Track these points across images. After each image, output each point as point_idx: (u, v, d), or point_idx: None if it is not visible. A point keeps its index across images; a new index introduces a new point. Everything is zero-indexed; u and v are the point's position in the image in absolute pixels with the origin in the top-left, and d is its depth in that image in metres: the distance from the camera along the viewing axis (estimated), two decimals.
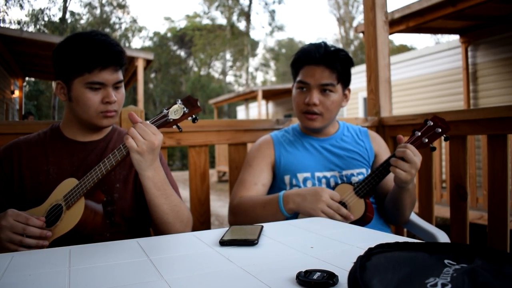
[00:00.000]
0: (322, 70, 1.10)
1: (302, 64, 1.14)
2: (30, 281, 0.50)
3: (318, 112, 1.12)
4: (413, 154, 0.95)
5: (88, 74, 0.86)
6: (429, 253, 0.41)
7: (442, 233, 1.15)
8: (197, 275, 0.50)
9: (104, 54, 0.87)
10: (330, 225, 0.80)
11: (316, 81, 1.10)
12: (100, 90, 0.88)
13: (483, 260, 0.38)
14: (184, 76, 23.42)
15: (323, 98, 1.11)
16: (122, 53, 0.90)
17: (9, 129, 1.12)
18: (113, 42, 0.90)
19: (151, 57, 6.29)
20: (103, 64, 0.86)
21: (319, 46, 1.13)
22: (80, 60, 0.86)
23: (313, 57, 1.11)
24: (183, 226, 0.90)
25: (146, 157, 0.78)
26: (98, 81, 0.87)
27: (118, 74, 0.90)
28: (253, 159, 1.18)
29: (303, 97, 1.13)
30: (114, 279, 0.50)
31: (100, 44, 0.87)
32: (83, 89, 0.88)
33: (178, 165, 15.00)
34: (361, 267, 0.37)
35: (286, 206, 1.00)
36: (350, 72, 1.16)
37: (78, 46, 0.87)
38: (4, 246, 0.76)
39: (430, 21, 4.04)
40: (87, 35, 0.89)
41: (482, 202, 3.21)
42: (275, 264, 0.54)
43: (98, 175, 0.80)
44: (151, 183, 0.83)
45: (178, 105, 0.78)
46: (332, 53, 1.11)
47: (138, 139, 0.76)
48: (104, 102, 0.89)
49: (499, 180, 1.20)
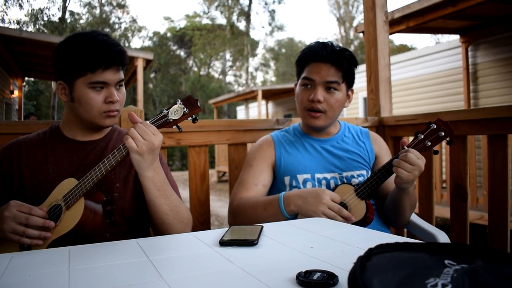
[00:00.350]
0: (328, 68, 1.10)
1: (308, 61, 1.13)
2: (30, 282, 0.49)
3: (322, 109, 1.11)
4: (416, 158, 0.95)
5: (91, 74, 0.86)
6: (429, 253, 0.41)
7: (442, 233, 1.15)
8: (197, 276, 0.50)
9: (107, 54, 0.87)
10: (330, 226, 0.79)
11: (322, 78, 1.10)
12: (102, 90, 0.89)
13: (483, 260, 0.38)
14: (184, 76, 23.42)
15: (328, 96, 1.11)
16: (124, 53, 0.91)
17: (9, 129, 1.12)
18: (115, 42, 0.90)
19: (151, 57, 6.29)
20: (106, 64, 0.87)
21: (326, 44, 1.14)
22: (83, 60, 0.86)
23: (320, 54, 1.11)
24: (183, 227, 0.90)
25: (146, 158, 0.78)
26: (101, 80, 0.87)
27: (120, 74, 0.90)
28: (253, 159, 1.18)
29: (308, 94, 1.12)
30: (113, 279, 0.49)
31: (102, 44, 0.87)
32: (86, 89, 0.88)
33: (178, 165, 15.00)
34: (361, 268, 0.37)
35: (287, 207, 0.99)
36: (354, 72, 1.16)
37: (80, 46, 0.87)
38: (7, 237, 0.76)
39: (430, 21, 4.04)
40: (88, 35, 0.89)
41: (482, 202, 3.21)
42: (275, 264, 0.53)
43: (98, 175, 0.80)
44: (151, 184, 0.83)
45: (178, 105, 0.78)
46: (338, 52, 1.11)
47: (138, 139, 0.76)
48: (107, 101, 0.89)
49: (500, 180, 1.20)
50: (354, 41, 24.61)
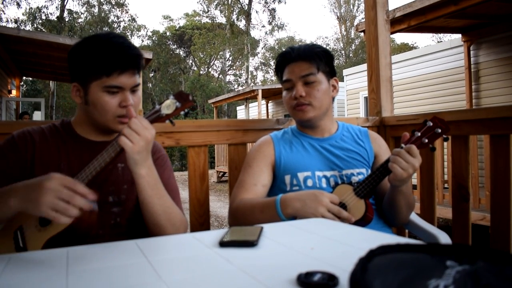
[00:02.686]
0: (300, 64, 1.16)
1: (283, 66, 1.20)
2: (28, 283, 0.49)
3: (306, 102, 1.15)
4: (411, 156, 0.95)
5: (106, 77, 0.85)
6: (430, 254, 0.41)
7: (444, 234, 1.14)
8: (197, 277, 0.49)
9: (123, 57, 0.85)
10: (331, 226, 0.79)
11: (297, 74, 1.16)
12: (118, 94, 0.87)
13: (485, 261, 0.38)
14: (183, 75, 23.44)
15: (308, 89, 1.15)
16: (140, 56, 0.90)
17: (6, 128, 1.11)
18: (131, 45, 0.89)
19: (150, 56, 6.26)
20: (122, 67, 0.85)
21: (294, 47, 1.22)
22: (99, 63, 0.85)
23: (289, 56, 1.18)
24: (175, 229, 0.89)
25: (142, 154, 0.78)
26: (116, 84, 0.86)
27: (135, 78, 0.89)
28: (252, 159, 1.18)
29: (291, 94, 1.18)
30: (112, 281, 0.49)
31: (119, 47, 0.86)
32: (101, 92, 0.86)
33: (177, 166, 15.03)
34: (362, 269, 0.37)
35: (284, 210, 0.99)
36: (331, 63, 1.20)
37: (96, 49, 0.86)
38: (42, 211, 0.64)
39: (432, 19, 4.03)
40: (104, 38, 0.88)
41: (484, 202, 3.20)
42: (275, 265, 0.53)
43: (92, 172, 0.79)
44: (145, 182, 0.82)
45: (170, 100, 0.78)
46: (306, 48, 1.18)
47: (133, 137, 0.76)
48: (121, 106, 0.88)
49: (502, 180, 1.20)
50: (355, 40, 24.61)
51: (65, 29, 17.84)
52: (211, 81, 23.33)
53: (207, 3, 23.39)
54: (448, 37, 10.83)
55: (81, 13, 21.60)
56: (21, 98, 10.39)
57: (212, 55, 24.16)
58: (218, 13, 24.00)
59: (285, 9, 43.86)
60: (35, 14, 18.30)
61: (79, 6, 23.72)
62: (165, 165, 1.00)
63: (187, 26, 23.97)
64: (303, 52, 1.16)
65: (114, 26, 22.59)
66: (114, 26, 22.56)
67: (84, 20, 21.26)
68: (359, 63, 17.07)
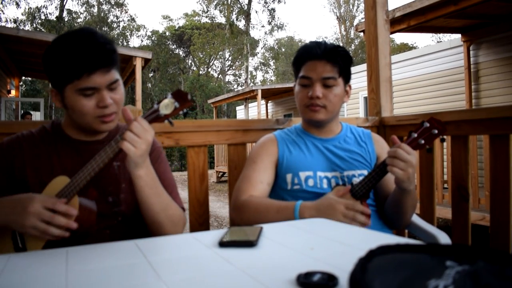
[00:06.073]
0: (324, 64, 1.13)
1: (304, 60, 1.17)
2: (27, 283, 0.49)
3: (321, 104, 1.14)
4: (405, 153, 0.95)
5: (78, 80, 0.81)
6: (430, 254, 0.41)
7: (444, 234, 1.14)
8: (196, 277, 0.49)
9: (89, 57, 0.80)
10: (330, 226, 0.79)
11: (319, 74, 1.13)
12: (93, 95, 0.84)
13: (485, 261, 0.38)
14: (183, 75, 23.41)
15: (326, 92, 1.14)
16: (110, 52, 0.83)
17: (6, 128, 1.11)
18: (100, 41, 0.83)
19: (149, 56, 6.26)
20: (89, 68, 0.80)
21: (320, 43, 1.18)
22: (66, 67, 0.81)
23: (314, 52, 1.15)
24: (174, 226, 0.89)
25: (143, 156, 0.78)
26: (89, 86, 0.82)
27: (110, 75, 0.84)
28: (257, 156, 1.18)
29: (306, 92, 1.15)
30: (111, 280, 0.49)
31: (85, 47, 0.81)
32: (76, 96, 0.83)
33: (177, 166, 15.00)
34: (362, 269, 0.37)
35: (301, 216, 1.00)
36: (350, 68, 1.19)
37: (62, 52, 0.82)
38: (26, 231, 0.72)
39: (432, 19, 4.03)
40: (70, 38, 0.83)
41: (484, 203, 3.20)
42: (275, 265, 0.53)
43: (91, 173, 0.78)
44: (143, 182, 0.82)
45: (169, 99, 0.76)
46: (332, 48, 1.15)
47: (135, 141, 0.75)
48: (99, 106, 0.84)
49: (502, 180, 1.20)
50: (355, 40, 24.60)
51: (64, 29, 17.82)
52: (211, 81, 23.30)
53: (206, 3, 23.37)
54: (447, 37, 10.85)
55: (81, 13, 21.60)
56: (21, 98, 10.41)
57: (211, 55, 24.14)
58: (217, 13, 24.04)
59: (285, 9, 43.91)
60: (34, 14, 18.28)
61: (79, 6, 23.74)
62: (160, 158, 0.99)
63: (187, 26, 23.95)
64: (329, 52, 1.13)
65: (114, 26, 22.58)
66: (114, 26, 22.54)
67: (84, 20, 21.24)
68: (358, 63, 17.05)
